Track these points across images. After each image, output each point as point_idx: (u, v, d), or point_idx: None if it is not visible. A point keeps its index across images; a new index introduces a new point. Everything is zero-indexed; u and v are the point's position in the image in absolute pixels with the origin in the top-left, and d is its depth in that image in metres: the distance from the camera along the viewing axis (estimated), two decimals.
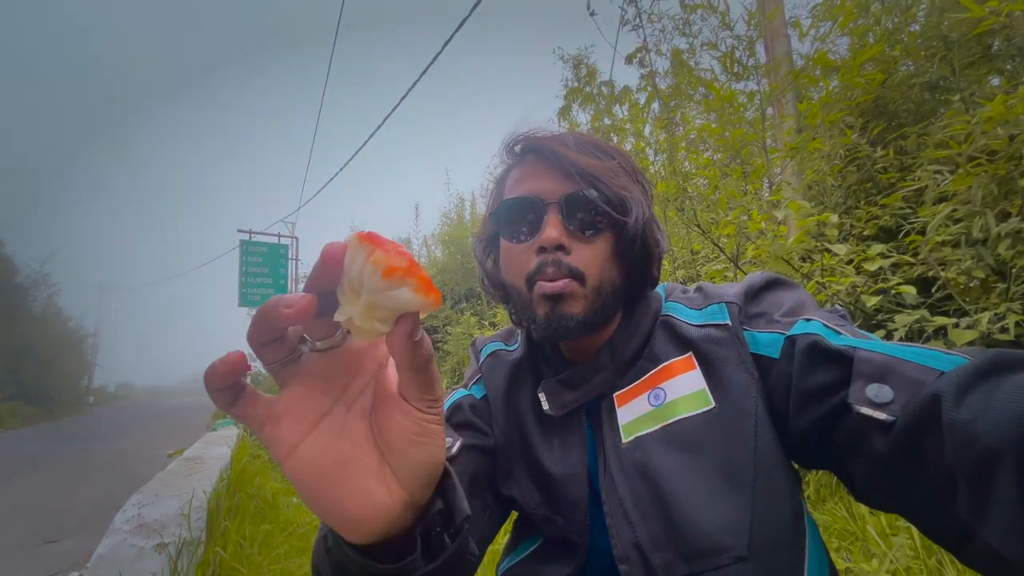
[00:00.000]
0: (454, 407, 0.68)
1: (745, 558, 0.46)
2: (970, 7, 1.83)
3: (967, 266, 1.78)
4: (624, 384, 0.59)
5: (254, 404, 0.31)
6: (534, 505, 0.62)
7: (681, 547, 0.48)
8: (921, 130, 2.85)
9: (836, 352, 0.46)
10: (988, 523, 0.33)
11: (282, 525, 2.53)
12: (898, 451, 0.40)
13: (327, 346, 0.31)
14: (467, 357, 7.05)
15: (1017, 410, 0.32)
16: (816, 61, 2.82)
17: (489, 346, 0.75)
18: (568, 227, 0.56)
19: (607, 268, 0.58)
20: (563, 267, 0.55)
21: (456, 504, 0.38)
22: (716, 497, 0.49)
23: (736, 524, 0.48)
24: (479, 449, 0.64)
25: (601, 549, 0.57)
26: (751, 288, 0.59)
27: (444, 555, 0.36)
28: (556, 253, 0.56)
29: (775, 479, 0.50)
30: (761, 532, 0.47)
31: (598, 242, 0.57)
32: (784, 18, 3.51)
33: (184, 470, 2.31)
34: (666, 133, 4.13)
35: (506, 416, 0.66)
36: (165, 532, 1.64)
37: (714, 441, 0.51)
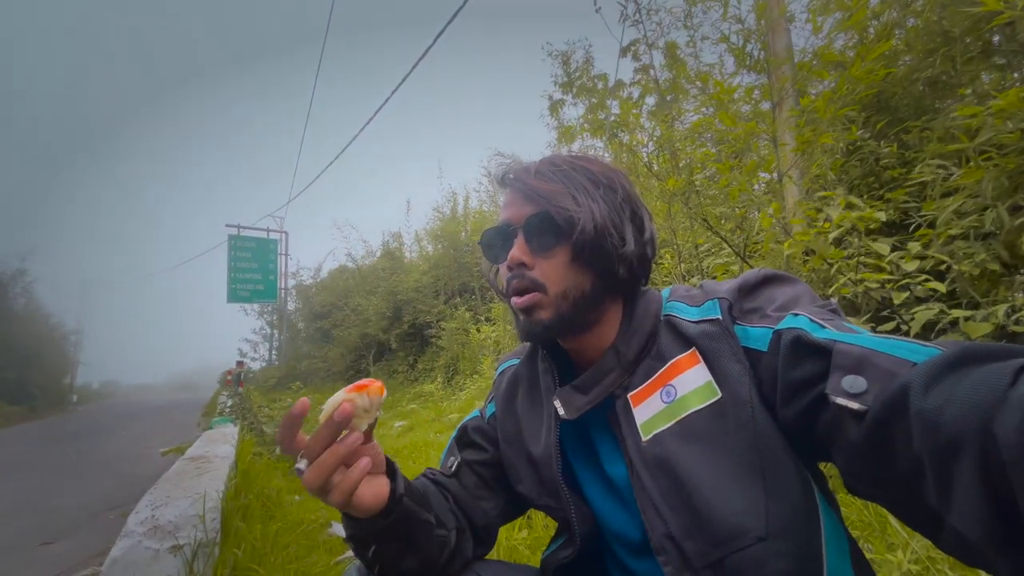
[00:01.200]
0: (462, 430, 0.82)
1: (765, 538, 0.50)
2: (985, 0, 1.83)
3: (981, 259, 1.80)
4: (636, 384, 0.63)
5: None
6: (536, 496, 0.71)
7: (708, 534, 0.52)
8: (924, 124, 2.88)
9: (818, 345, 0.49)
10: (953, 508, 0.35)
11: (290, 524, 2.50)
12: (871, 440, 0.42)
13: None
14: (462, 352, 7.04)
15: (979, 399, 0.33)
16: (823, 57, 2.82)
17: (502, 365, 0.86)
18: (530, 246, 0.64)
19: (568, 277, 0.63)
20: (525, 279, 0.63)
21: (396, 488, 0.60)
22: (733, 483, 0.53)
23: (753, 507, 0.51)
24: (480, 463, 0.77)
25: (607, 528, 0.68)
26: (745, 284, 0.62)
27: (389, 518, 0.59)
28: (520, 270, 0.64)
29: (780, 461, 0.53)
30: (776, 512, 0.51)
31: (555, 255, 0.64)
32: (785, 13, 3.53)
33: (192, 470, 2.26)
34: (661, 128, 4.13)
35: (508, 420, 0.77)
36: (180, 534, 1.60)
37: (724, 429, 0.55)
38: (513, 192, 0.68)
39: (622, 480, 0.64)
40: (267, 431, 4.38)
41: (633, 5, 3.66)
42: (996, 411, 0.32)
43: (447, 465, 0.79)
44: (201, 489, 1.86)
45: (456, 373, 7.73)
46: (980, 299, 1.85)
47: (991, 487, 0.32)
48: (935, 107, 3.13)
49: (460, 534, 0.70)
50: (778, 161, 2.72)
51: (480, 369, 6.51)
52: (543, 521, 2.02)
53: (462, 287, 9.79)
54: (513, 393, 0.79)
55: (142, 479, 4.33)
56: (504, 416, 0.78)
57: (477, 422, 0.82)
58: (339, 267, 15.64)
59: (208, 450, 2.73)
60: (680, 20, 4.64)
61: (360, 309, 11.57)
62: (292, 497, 3.26)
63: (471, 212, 10.74)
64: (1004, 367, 0.34)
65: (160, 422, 10.11)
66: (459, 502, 0.74)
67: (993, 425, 0.31)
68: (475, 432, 0.81)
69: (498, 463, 0.78)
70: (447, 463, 0.79)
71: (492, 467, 0.78)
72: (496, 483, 0.77)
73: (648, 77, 5.13)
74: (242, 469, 2.73)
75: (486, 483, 0.77)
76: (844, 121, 2.93)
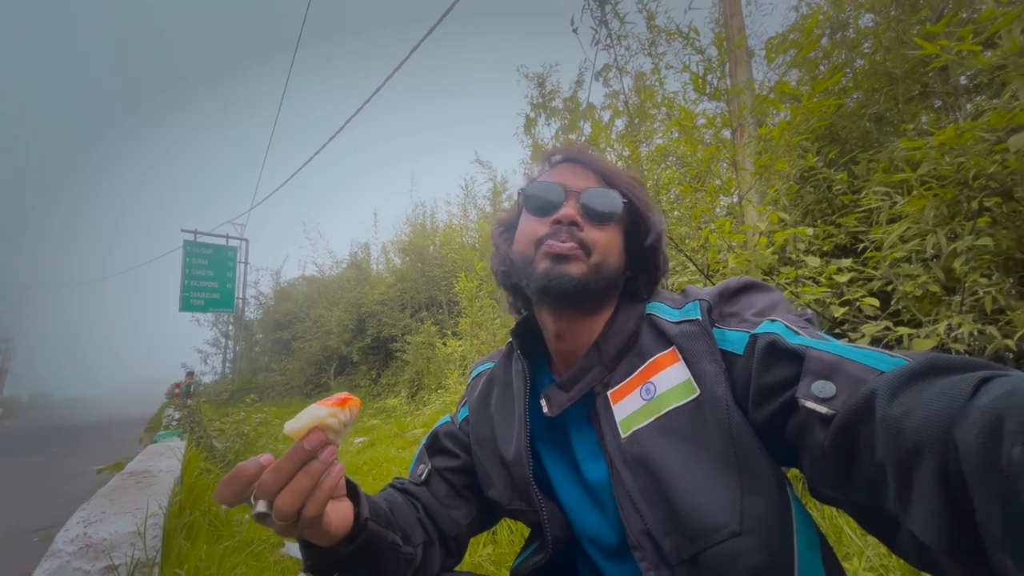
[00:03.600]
0: (433, 436, 0.80)
1: (738, 533, 0.51)
2: (923, 45, 1.99)
3: (923, 280, 1.92)
4: (617, 381, 0.63)
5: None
6: (507, 500, 0.69)
7: (685, 530, 0.52)
8: (871, 156, 3.09)
9: (791, 350, 0.50)
10: (911, 513, 0.36)
11: (239, 544, 2.35)
12: (837, 444, 0.43)
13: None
14: (427, 367, 6.93)
15: (941, 408, 0.34)
16: (778, 88, 2.99)
17: (476, 369, 0.86)
18: (584, 212, 0.65)
19: (612, 251, 0.65)
20: (575, 236, 0.63)
21: (360, 512, 0.57)
22: (709, 479, 0.53)
23: (728, 503, 0.52)
24: (451, 470, 0.76)
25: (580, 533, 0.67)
26: (726, 289, 0.64)
27: (354, 544, 0.55)
28: (571, 227, 0.64)
29: (755, 459, 0.54)
30: (750, 509, 0.52)
31: (608, 229, 0.65)
32: (747, 47, 3.74)
33: (132, 484, 2.09)
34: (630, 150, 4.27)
35: (481, 423, 0.76)
36: (115, 553, 1.47)
37: (702, 427, 0.56)
38: (573, 166, 0.70)
39: (599, 482, 0.64)
40: (217, 446, 4.14)
41: (604, 30, 3.78)
42: (957, 421, 0.33)
43: (416, 473, 0.76)
44: (141, 504, 1.73)
45: (420, 388, 7.57)
46: (922, 318, 1.97)
47: (949, 494, 0.33)
48: (880, 141, 3.37)
49: (427, 548, 0.67)
50: (738, 184, 2.84)
51: (446, 384, 6.41)
52: (508, 536, 1.98)
53: (429, 301, 9.67)
54: (488, 395, 0.78)
55: (74, 498, 4.00)
56: (478, 419, 0.77)
57: (449, 427, 0.81)
58: (302, 276, 15.19)
59: (151, 464, 2.55)
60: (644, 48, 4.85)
61: (322, 321, 11.23)
62: (242, 515, 3.07)
63: (437, 227, 10.68)
64: (966, 379, 0.36)
65: (98, 437, 9.39)
66: (429, 511, 0.71)
67: (954, 434, 0.33)
68: (447, 438, 0.79)
69: (469, 470, 0.77)
70: (416, 471, 0.77)
71: (463, 474, 0.77)
72: (467, 491, 0.76)
73: (617, 102, 5.32)
74: (188, 484, 2.55)
75: (457, 491, 0.75)
76: (799, 149, 3.10)
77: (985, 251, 1.80)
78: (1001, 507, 0.29)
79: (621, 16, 3.69)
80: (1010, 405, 0.30)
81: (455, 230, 9.77)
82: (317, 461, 0.47)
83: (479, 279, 6.07)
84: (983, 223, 1.85)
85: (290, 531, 0.48)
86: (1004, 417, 0.30)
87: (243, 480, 0.46)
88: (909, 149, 2.08)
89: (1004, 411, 0.30)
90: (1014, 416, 0.30)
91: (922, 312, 2.01)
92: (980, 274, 1.79)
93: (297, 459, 0.46)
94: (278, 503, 0.45)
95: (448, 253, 8.74)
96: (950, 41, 1.93)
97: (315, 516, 0.48)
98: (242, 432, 4.28)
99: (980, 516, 0.31)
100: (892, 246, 2.10)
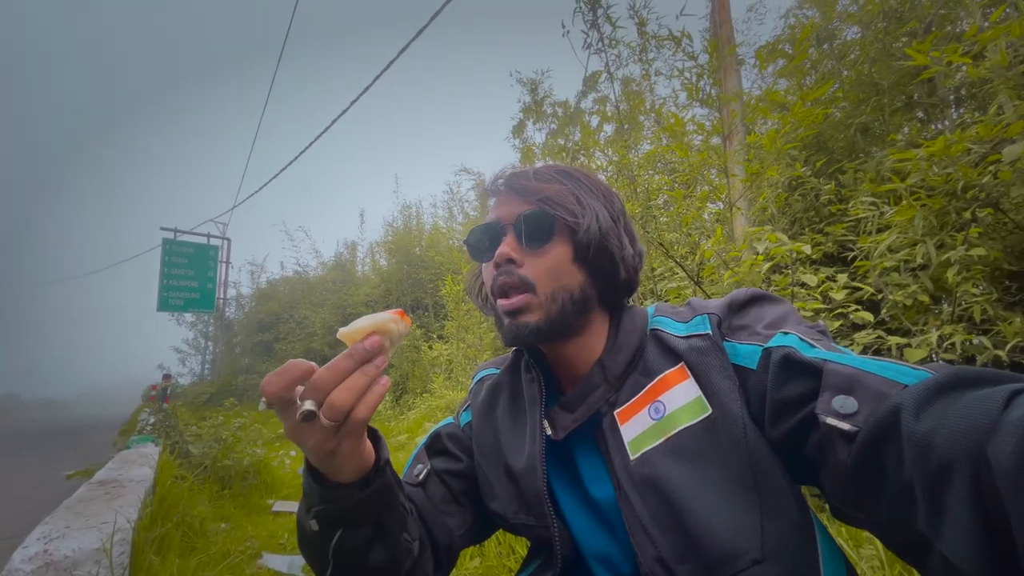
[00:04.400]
0: (434, 436, 0.76)
1: (761, 560, 0.47)
2: (914, 56, 2.01)
3: (912, 290, 1.92)
4: (623, 400, 0.60)
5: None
6: (512, 514, 0.66)
7: (702, 557, 0.49)
8: (858, 166, 3.12)
9: (808, 364, 0.48)
10: (943, 535, 0.34)
11: (214, 557, 2.26)
12: (861, 462, 0.41)
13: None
14: (412, 370, 6.86)
15: (971, 423, 0.33)
16: (768, 96, 3.01)
17: (480, 373, 0.83)
18: (520, 243, 0.62)
19: (560, 276, 0.62)
20: (514, 276, 0.61)
21: (380, 454, 0.55)
22: (726, 502, 0.50)
23: (748, 528, 0.49)
24: (451, 473, 0.72)
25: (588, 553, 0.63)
26: (735, 302, 0.62)
27: (370, 487, 0.53)
28: (508, 266, 0.62)
29: (774, 479, 0.51)
30: (772, 533, 0.49)
31: (548, 252, 0.62)
32: (736, 55, 3.78)
33: (100, 495, 1.99)
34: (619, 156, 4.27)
35: (486, 431, 0.72)
36: (78, 572, 1.38)
37: (716, 447, 0.53)
38: (507, 193, 0.67)
39: (608, 502, 0.61)
40: (193, 452, 4.00)
41: (596, 34, 3.78)
42: (989, 436, 0.31)
43: (413, 473, 0.72)
44: (108, 518, 1.63)
45: (405, 392, 7.48)
46: (911, 327, 1.98)
47: (983, 513, 0.31)
48: (866, 151, 3.41)
49: (422, 548, 0.63)
50: (729, 191, 2.85)
51: (431, 388, 6.33)
52: (496, 549, 1.92)
53: (415, 303, 9.57)
54: (493, 403, 0.75)
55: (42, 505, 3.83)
56: (482, 426, 0.74)
57: (452, 428, 0.77)
58: (283, 277, 14.94)
59: (121, 473, 2.44)
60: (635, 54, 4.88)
61: (306, 322, 11.05)
62: (218, 525, 2.96)
63: (426, 227, 10.61)
64: (996, 392, 0.34)
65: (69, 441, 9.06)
66: (423, 516, 0.67)
67: (987, 450, 0.31)
68: (449, 439, 0.75)
69: (470, 475, 0.73)
70: (414, 471, 0.72)
71: (463, 479, 0.72)
72: (465, 498, 0.72)
73: (605, 108, 5.33)
74: (160, 494, 2.44)
75: (455, 496, 0.71)
76: (788, 158, 3.13)
77: (977, 261, 1.81)
78: None
79: (613, 20, 3.68)
80: None
81: (442, 232, 9.71)
82: (372, 365, 0.46)
83: (466, 282, 6.02)
84: (975, 233, 1.86)
85: (330, 440, 0.46)
86: None
87: (296, 373, 0.44)
88: (897, 160, 2.09)
89: None
90: None
91: (911, 321, 2.02)
92: (972, 284, 1.80)
93: (357, 357, 0.45)
94: (332, 398, 0.44)
95: (435, 255, 8.67)
96: (940, 53, 1.95)
97: (365, 419, 0.46)
98: (220, 437, 4.13)
99: (1019, 534, 0.29)
100: (881, 256, 2.11)
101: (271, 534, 2.91)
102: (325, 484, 0.52)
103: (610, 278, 0.65)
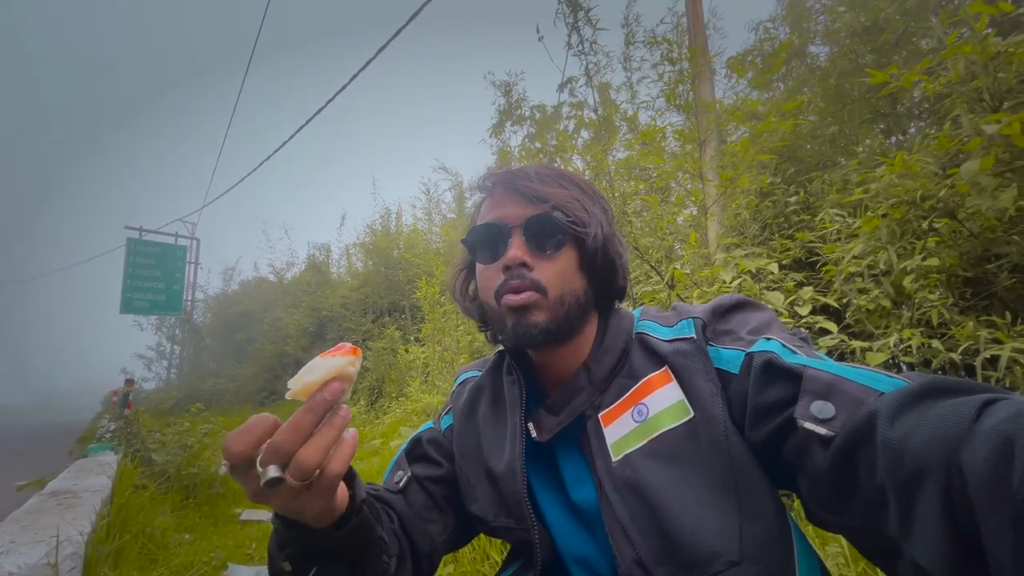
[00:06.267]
0: (415, 441, 0.75)
1: (738, 562, 0.48)
2: (873, 74, 2.09)
3: (875, 296, 1.99)
4: (608, 403, 0.61)
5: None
6: (493, 516, 0.65)
7: (679, 559, 0.50)
8: (825, 176, 3.23)
9: (788, 370, 0.49)
10: (913, 538, 0.35)
11: (176, 569, 2.16)
12: (836, 466, 0.42)
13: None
14: (388, 374, 6.73)
15: (945, 431, 0.34)
16: (744, 105, 3.09)
17: (462, 376, 0.82)
18: (530, 246, 0.62)
19: (568, 281, 0.62)
20: (526, 280, 0.60)
21: (356, 493, 0.52)
22: (705, 505, 0.51)
23: (727, 529, 0.49)
24: (432, 479, 0.71)
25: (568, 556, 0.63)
26: (719, 307, 0.62)
27: (345, 528, 0.50)
28: (520, 270, 0.60)
29: (754, 482, 0.52)
30: (750, 535, 0.49)
31: (559, 258, 0.62)
32: (711, 62, 3.87)
33: (51, 506, 1.88)
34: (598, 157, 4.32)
35: (467, 434, 0.72)
36: None
37: (697, 449, 0.53)
38: (507, 193, 0.65)
39: (588, 505, 0.61)
40: (156, 459, 3.84)
41: (577, 36, 3.81)
42: (962, 444, 0.32)
43: (393, 480, 0.70)
44: (58, 531, 1.54)
45: (380, 396, 7.36)
46: (874, 330, 2.05)
47: (953, 518, 0.32)
48: (834, 161, 3.53)
49: (401, 562, 0.62)
50: (703, 196, 2.90)
51: (407, 392, 6.24)
52: (470, 555, 1.90)
53: (392, 306, 9.44)
54: (475, 405, 0.74)
55: None
56: (463, 429, 0.73)
57: (433, 433, 0.76)
58: (256, 279, 14.57)
59: (76, 483, 2.31)
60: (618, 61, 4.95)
61: (280, 324, 10.78)
62: (181, 536, 2.84)
63: (403, 229, 10.49)
64: (969, 401, 0.35)
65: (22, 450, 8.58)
66: (404, 524, 0.65)
67: (959, 457, 0.32)
68: (430, 444, 0.75)
69: (451, 480, 0.72)
70: (394, 478, 0.71)
71: (444, 484, 0.72)
72: (446, 503, 0.71)
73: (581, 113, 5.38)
74: (118, 504, 2.33)
75: (436, 503, 0.70)
76: (759, 166, 3.21)
77: (933, 270, 1.89)
78: (1013, 532, 0.28)
79: (594, 23, 3.72)
80: (1019, 427, 0.29)
81: (419, 233, 9.62)
82: (338, 416, 0.43)
83: (441, 284, 5.97)
84: (932, 242, 1.94)
85: (298, 499, 0.44)
86: (1014, 439, 0.29)
87: (262, 429, 0.41)
88: (862, 172, 2.17)
89: (1013, 433, 0.29)
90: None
91: (873, 324, 2.09)
92: (928, 291, 1.88)
93: (319, 410, 0.42)
94: (300, 458, 0.41)
95: (412, 257, 8.58)
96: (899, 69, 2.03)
97: (339, 473, 0.44)
98: (185, 444, 3.98)
99: (988, 542, 0.29)
100: (847, 261, 2.18)
101: (238, 544, 2.81)
102: (296, 527, 0.49)
103: (609, 283, 0.66)
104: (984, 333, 1.72)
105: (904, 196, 2.05)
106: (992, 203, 1.78)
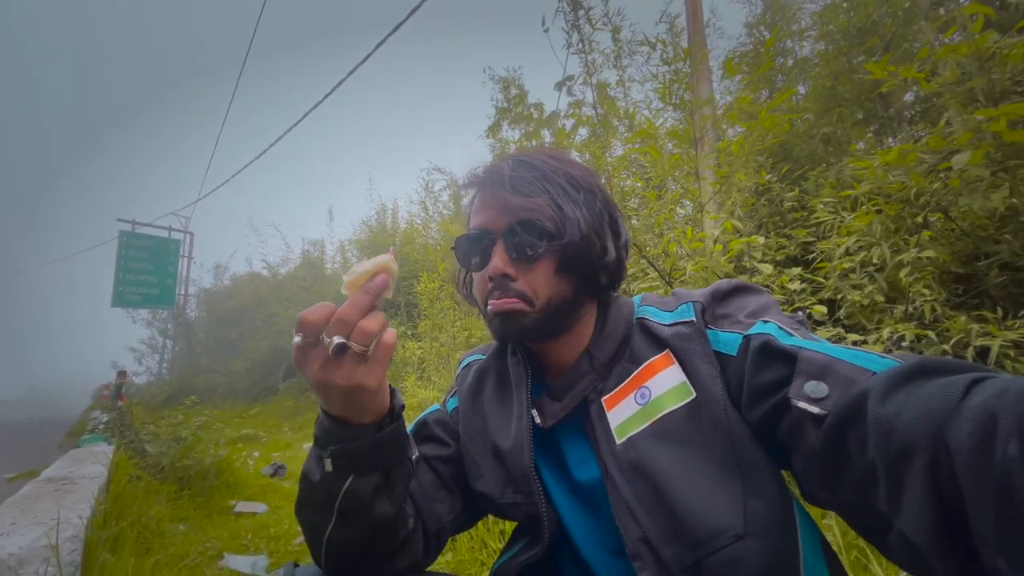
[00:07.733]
0: (421, 423, 0.77)
1: (743, 536, 0.50)
2: (873, 71, 2.12)
3: (869, 291, 2.03)
4: (610, 388, 0.62)
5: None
6: (499, 493, 0.67)
7: (686, 536, 0.51)
8: (820, 174, 3.27)
9: (784, 351, 0.50)
10: (901, 512, 0.37)
11: (172, 558, 2.16)
12: (828, 444, 0.43)
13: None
14: None
15: (933, 408, 0.35)
16: (739, 102, 3.12)
17: (467, 359, 0.84)
18: (512, 255, 0.62)
19: (553, 285, 0.62)
20: (510, 291, 0.61)
21: (396, 402, 0.57)
22: (710, 482, 0.52)
23: (731, 505, 0.51)
24: (440, 459, 0.72)
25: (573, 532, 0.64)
26: (718, 291, 0.64)
27: (386, 429, 0.55)
28: (503, 280, 0.62)
29: (755, 459, 0.53)
30: (754, 510, 0.51)
31: (539, 267, 0.62)
32: (706, 60, 3.90)
33: (49, 492, 1.88)
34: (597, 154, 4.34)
35: (473, 415, 0.74)
36: (24, 570, 1.30)
37: (699, 429, 0.55)
38: (488, 196, 0.65)
39: (592, 484, 0.62)
40: (151, 451, 3.82)
41: (577, 34, 3.83)
42: (949, 420, 0.33)
43: None
44: (58, 514, 1.54)
45: None
46: (867, 324, 2.08)
47: (939, 493, 0.33)
48: (828, 160, 3.58)
49: (416, 527, 0.64)
50: (700, 193, 2.93)
51: (403, 387, 6.24)
52: (468, 543, 1.92)
53: (387, 302, 9.40)
54: (480, 387, 0.76)
55: None
56: (469, 410, 0.75)
57: (439, 415, 0.78)
58: (250, 273, 14.48)
59: (72, 470, 2.31)
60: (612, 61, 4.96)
61: (275, 319, 10.71)
62: (176, 526, 2.84)
63: (402, 224, 10.46)
64: (957, 380, 0.36)
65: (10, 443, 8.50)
66: (414, 503, 0.67)
67: (946, 434, 0.33)
68: (436, 425, 0.76)
69: (458, 460, 0.74)
70: None
71: (452, 464, 0.74)
72: (454, 483, 0.73)
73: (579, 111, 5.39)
74: (115, 492, 2.33)
75: (443, 482, 0.72)
76: (755, 164, 3.25)
77: (928, 263, 1.92)
78: (995, 505, 0.29)
79: (593, 22, 3.74)
80: (1003, 403, 0.30)
81: (416, 229, 9.60)
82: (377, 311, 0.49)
83: (441, 280, 5.96)
84: (927, 236, 1.97)
85: (358, 371, 0.48)
86: (998, 415, 0.30)
87: (329, 309, 0.47)
88: (857, 168, 2.20)
89: (997, 409, 0.30)
90: (1008, 414, 0.30)
91: (867, 319, 2.13)
92: (923, 285, 1.91)
93: (373, 292, 0.48)
94: (363, 325, 0.47)
95: (409, 253, 8.56)
96: (895, 68, 2.06)
97: (393, 343, 0.49)
98: (179, 436, 3.95)
99: (972, 515, 0.31)
100: (841, 257, 2.21)
101: (233, 535, 2.81)
102: (343, 425, 0.53)
103: (592, 282, 0.66)
104: (976, 327, 1.76)
105: (898, 193, 2.08)
106: (983, 203, 1.82)
